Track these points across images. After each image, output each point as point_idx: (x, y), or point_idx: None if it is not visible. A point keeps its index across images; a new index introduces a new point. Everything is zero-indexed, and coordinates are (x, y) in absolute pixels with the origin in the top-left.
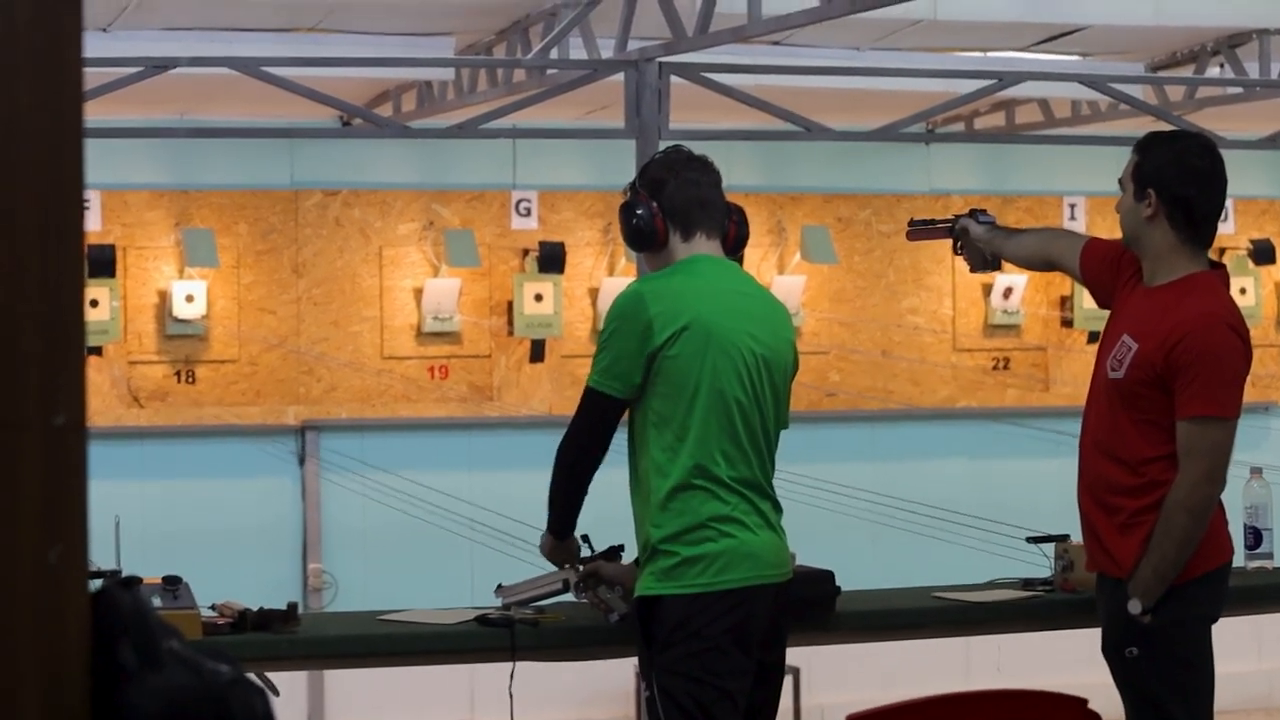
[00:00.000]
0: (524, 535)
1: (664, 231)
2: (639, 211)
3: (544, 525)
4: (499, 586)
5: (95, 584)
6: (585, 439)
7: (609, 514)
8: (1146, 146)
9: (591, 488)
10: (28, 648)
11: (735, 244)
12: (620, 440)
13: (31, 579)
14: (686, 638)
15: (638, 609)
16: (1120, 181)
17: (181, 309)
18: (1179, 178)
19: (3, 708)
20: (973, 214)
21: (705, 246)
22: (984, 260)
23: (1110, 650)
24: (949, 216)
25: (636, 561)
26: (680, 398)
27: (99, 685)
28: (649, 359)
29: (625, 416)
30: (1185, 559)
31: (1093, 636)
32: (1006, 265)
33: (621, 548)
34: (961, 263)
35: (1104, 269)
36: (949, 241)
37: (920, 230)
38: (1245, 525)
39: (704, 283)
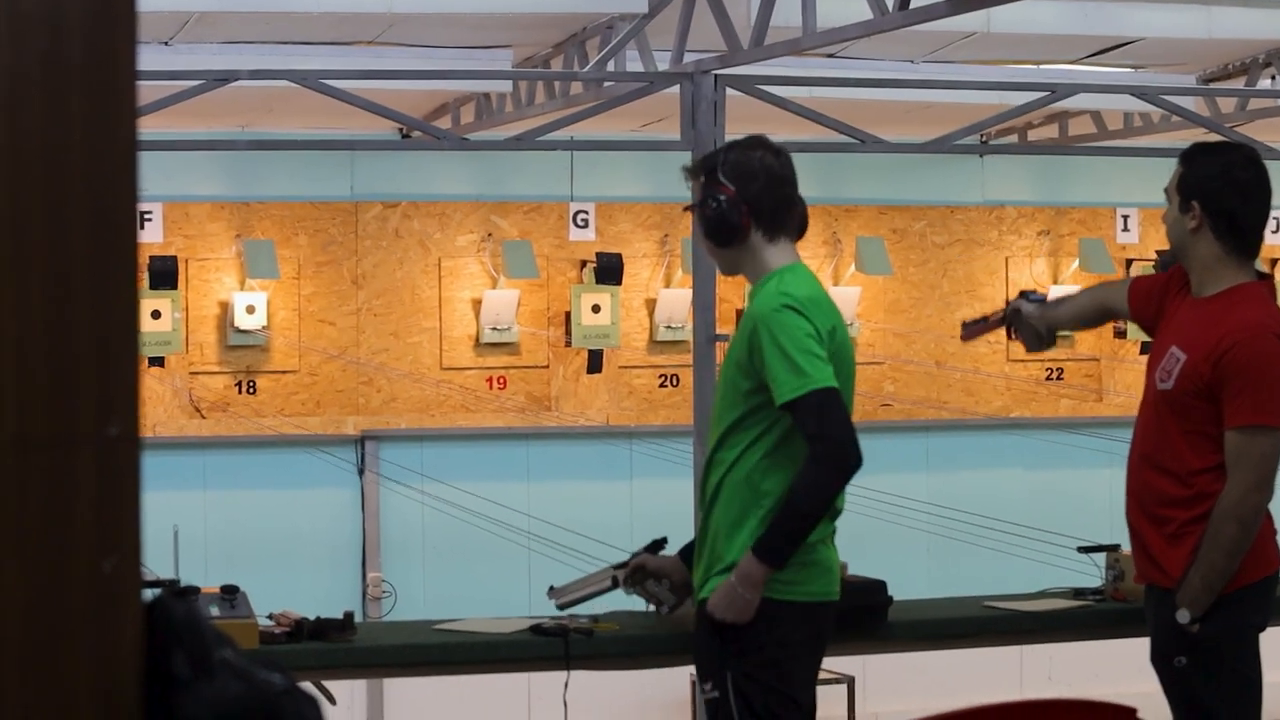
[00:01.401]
0: (581, 546)
1: (749, 230)
2: (721, 200)
3: (596, 533)
4: (550, 589)
5: (151, 594)
6: (850, 434)
7: (663, 511)
8: (1191, 158)
9: (637, 488)
10: (81, 658)
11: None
12: (668, 443)
13: (85, 589)
14: (771, 644)
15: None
16: (1166, 192)
17: (242, 320)
18: (1223, 190)
19: (58, 717)
20: (1023, 295)
21: (790, 252)
22: (1039, 337)
23: (1159, 660)
24: (999, 309)
25: (681, 555)
26: None
27: (152, 695)
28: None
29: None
30: (1234, 568)
31: (1143, 646)
32: (1060, 276)
33: (664, 541)
34: (1014, 274)
35: (1149, 302)
36: (1001, 254)
37: (974, 329)
38: None
39: (820, 295)
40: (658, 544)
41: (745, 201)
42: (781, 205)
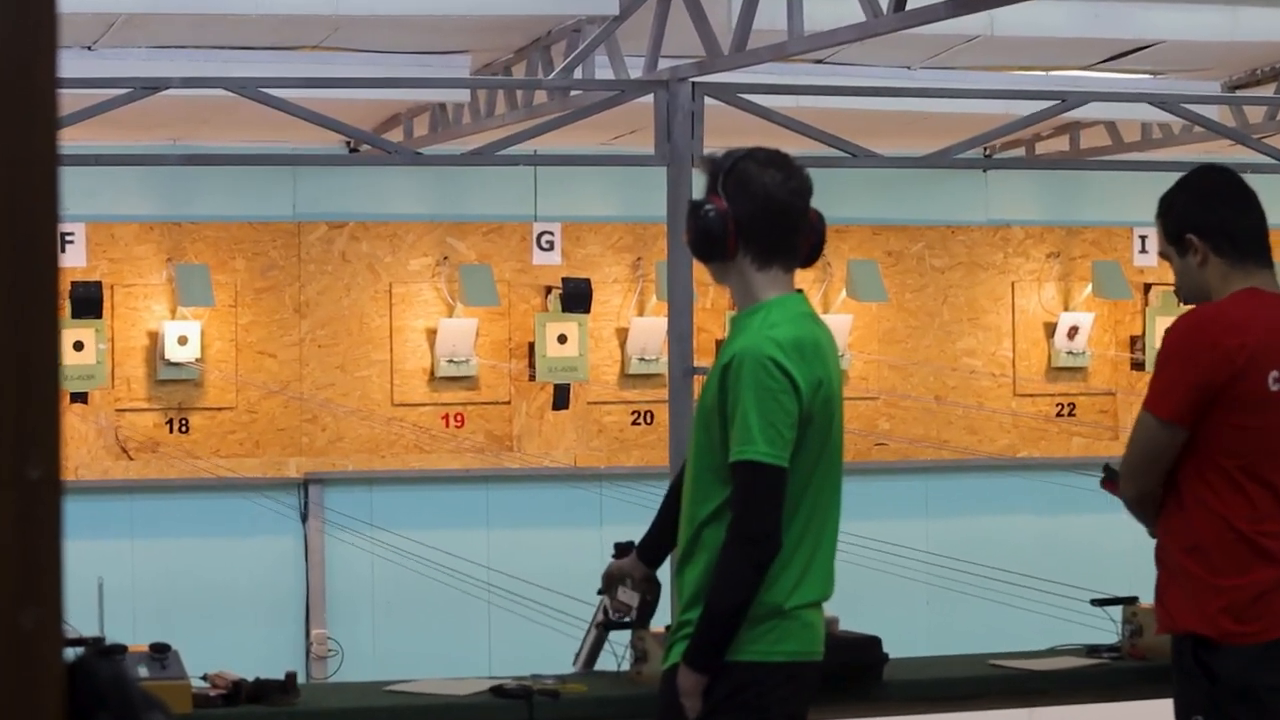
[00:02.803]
0: (545, 599)
1: (733, 251)
2: (710, 211)
3: (562, 585)
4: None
5: (74, 653)
6: (771, 525)
7: None
8: (1163, 202)
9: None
10: None
11: (810, 258)
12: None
13: (2, 647)
14: (743, 711)
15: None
16: (1161, 255)
17: (174, 352)
18: (1204, 206)
19: None
20: (617, 548)
21: (782, 283)
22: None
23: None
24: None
25: (639, 552)
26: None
27: None
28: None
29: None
30: None
31: (1164, 708)
32: (1071, 302)
33: (631, 546)
34: (1021, 300)
35: (1199, 412)
36: (1007, 279)
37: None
38: None
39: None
40: (623, 548)
41: (735, 220)
42: (776, 234)
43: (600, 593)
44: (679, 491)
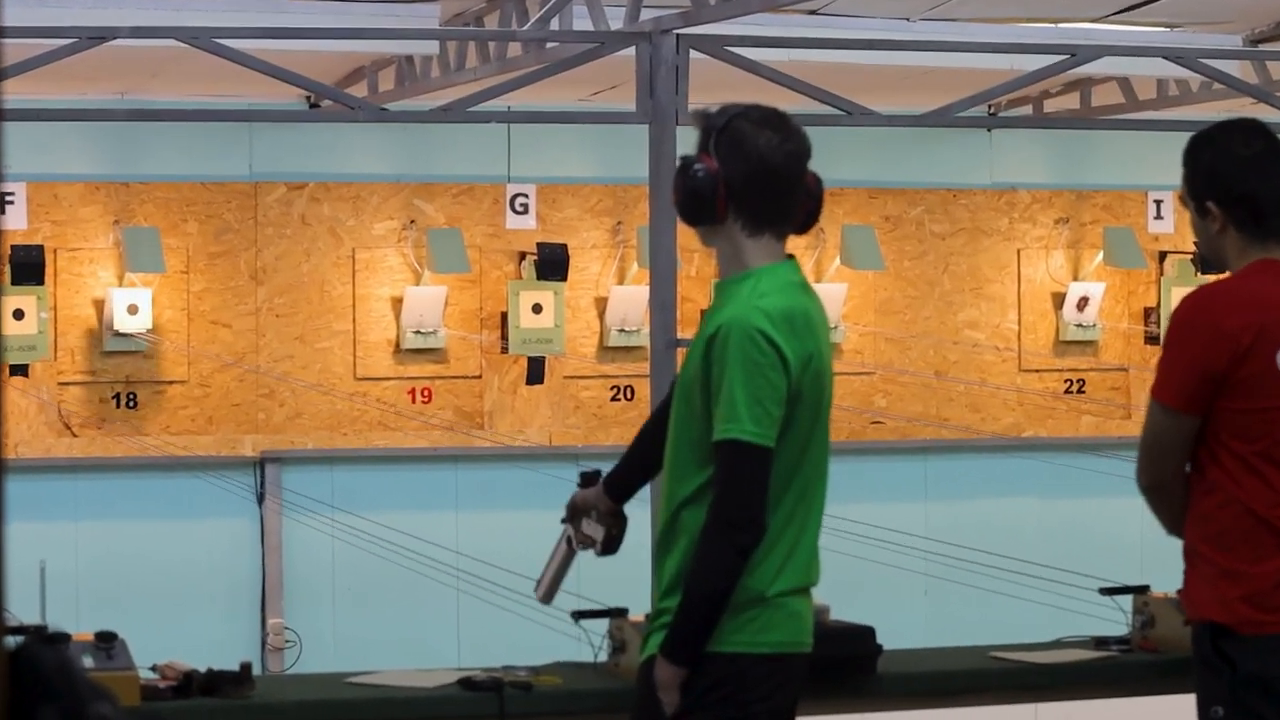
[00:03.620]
0: (517, 586)
1: (723, 214)
2: (699, 171)
3: (535, 572)
4: (535, 587)
5: (15, 641)
6: (755, 508)
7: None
8: (1190, 153)
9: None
10: None
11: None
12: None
13: None
14: (725, 705)
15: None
16: (1180, 199)
17: (122, 321)
18: (1231, 173)
19: None
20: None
21: (774, 251)
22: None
23: (1198, 710)
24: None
25: (605, 484)
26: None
27: None
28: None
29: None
30: None
31: (1176, 703)
32: (1081, 271)
33: (598, 474)
34: (1028, 268)
35: (1206, 398)
36: (1012, 246)
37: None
38: None
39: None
40: (589, 477)
41: (726, 182)
42: (769, 199)
43: (564, 521)
44: (652, 430)
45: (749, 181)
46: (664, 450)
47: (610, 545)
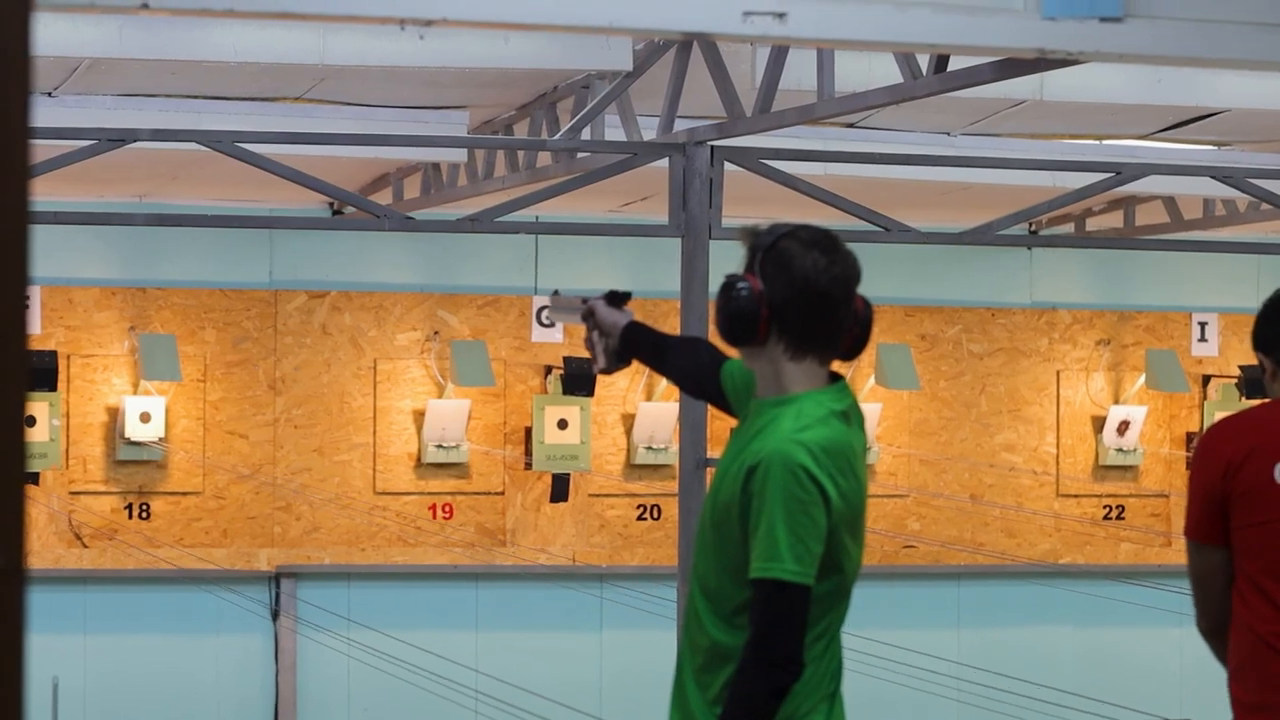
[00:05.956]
0: (539, 709)
1: (764, 336)
2: (743, 291)
3: (557, 694)
4: (555, 293)
5: None
6: (794, 648)
7: (639, 669)
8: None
9: (609, 641)
10: None
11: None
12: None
13: None
14: None
15: None
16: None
17: (135, 430)
18: (1271, 324)
19: None
20: (612, 295)
21: (817, 375)
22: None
23: None
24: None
25: (628, 329)
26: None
27: None
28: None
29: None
30: None
31: None
32: (1122, 393)
33: (628, 295)
34: (1067, 390)
35: (1219, 524)
36: (1051, 367)
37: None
38: None
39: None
40: (619, 296)
41: (769, 303)
42: (814, 322)
43: (582, 316)
44: (679, 346)
45: (793, 304)
46: (678, 365)
47: (605, 372)
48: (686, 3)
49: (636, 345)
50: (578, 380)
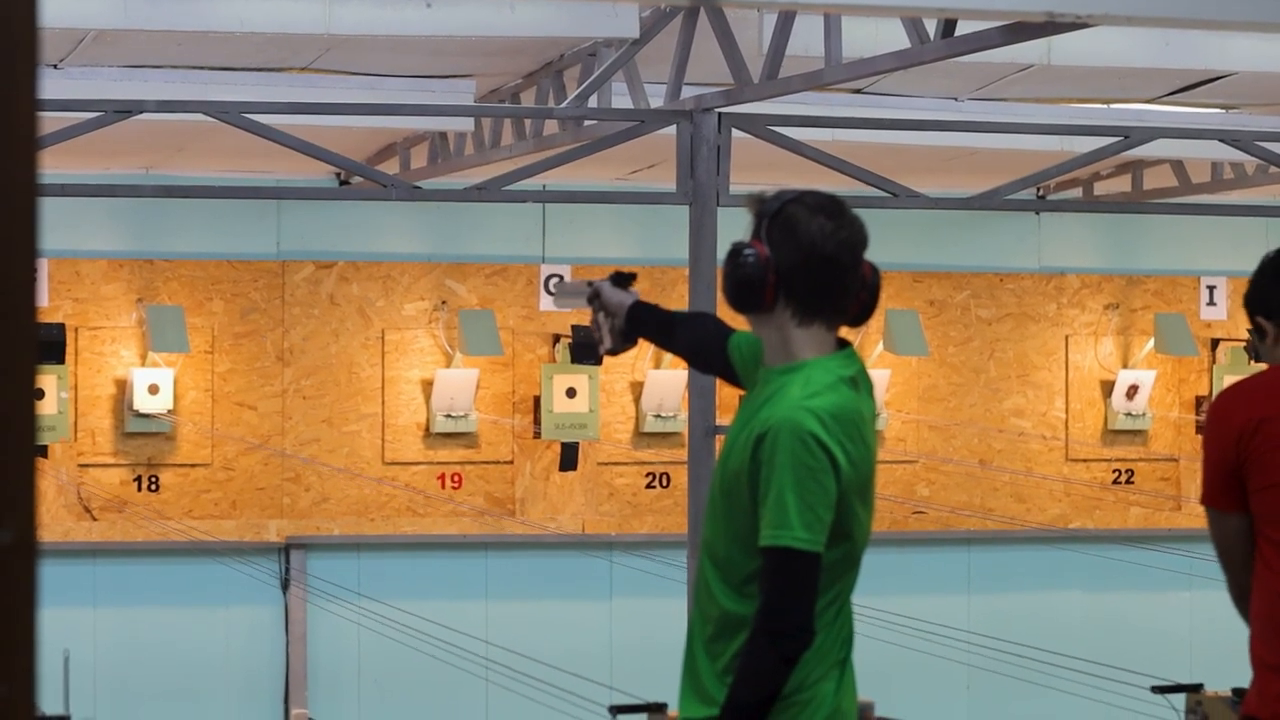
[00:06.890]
0: (549, 677)
1: (771, 303)
2: (749, 257)
3: (567, 663)
4: (560, 280)
5: None
6: (805, 617)
7: (649, 637)
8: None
9: (618, 609)
10: None
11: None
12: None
13: None
14: None
15: None
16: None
17: (143, 402)
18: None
19: None
20: (617, 276)
21: (825, 342)
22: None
23: None
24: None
25: (634, 308)
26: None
27: None
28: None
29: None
30: None
31: None
32: (1131, 358)
33: (633, 277)
34: (1076, 355)
35: (1236, 490)
36: (1060, 331)
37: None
38: None
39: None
40: (624, 277)
41: (776, 269)
42: (821, 288)
43: (589, 298)
44: (685, 321)
45: (800, 269)
46: (685, 341)
47: (611, 353)
48: None
49: (642, 324)
50: (586, 349)
